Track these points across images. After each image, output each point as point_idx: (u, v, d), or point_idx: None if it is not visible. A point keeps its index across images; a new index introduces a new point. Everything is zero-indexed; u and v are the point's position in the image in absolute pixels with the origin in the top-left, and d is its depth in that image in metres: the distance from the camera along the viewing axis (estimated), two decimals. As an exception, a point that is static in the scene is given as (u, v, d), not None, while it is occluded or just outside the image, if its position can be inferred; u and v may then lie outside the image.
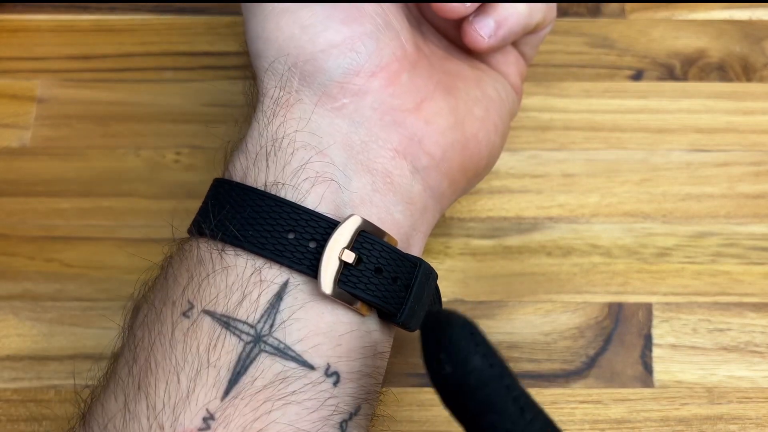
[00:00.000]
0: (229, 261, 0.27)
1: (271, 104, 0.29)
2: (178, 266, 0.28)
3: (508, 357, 0.35)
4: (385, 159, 0.29)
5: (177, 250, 0.29)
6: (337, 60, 0.28)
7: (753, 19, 0.42)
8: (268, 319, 0.26)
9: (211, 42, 0.41)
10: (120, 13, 0.42)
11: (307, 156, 0.28)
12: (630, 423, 0.34)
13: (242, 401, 0.25)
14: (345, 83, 0.28)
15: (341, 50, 0.28)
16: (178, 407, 0.25)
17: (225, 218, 0.27)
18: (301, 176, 0.27)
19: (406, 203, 0.29)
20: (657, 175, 0.38)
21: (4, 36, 0.41)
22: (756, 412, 0.34)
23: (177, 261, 0.28)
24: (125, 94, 0.40)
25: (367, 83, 0.28)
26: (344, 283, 0.26)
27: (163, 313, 0.27)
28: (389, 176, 0.29)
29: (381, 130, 0.29)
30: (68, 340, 0.35)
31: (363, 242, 0.27)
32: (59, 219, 0.37)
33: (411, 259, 0.28)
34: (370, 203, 0.28)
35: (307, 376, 0.26)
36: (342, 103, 0.28)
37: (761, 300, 0.36)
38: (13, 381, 0.35)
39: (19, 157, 0.39)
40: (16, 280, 0.36)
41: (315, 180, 0.27)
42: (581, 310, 0.36)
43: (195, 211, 0.37)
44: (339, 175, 0.28)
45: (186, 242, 0.29)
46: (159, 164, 0.38)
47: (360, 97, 0.29)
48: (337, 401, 0.26)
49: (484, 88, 0.32)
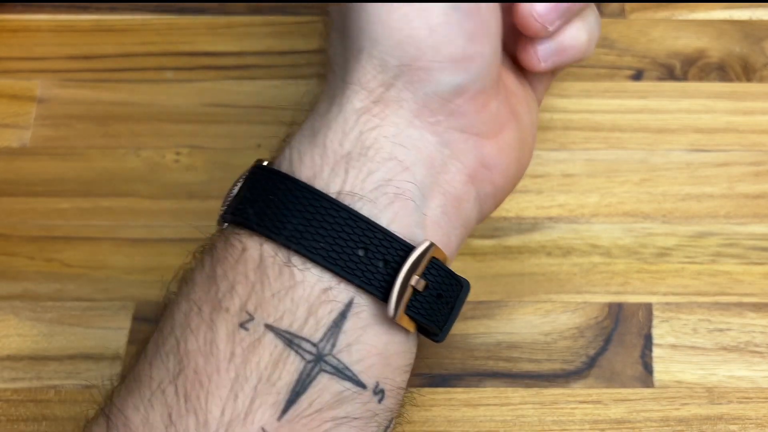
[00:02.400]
0: (297, 275, 0.25)
1: (367, 101, 0.27)
2: (230, 267, 0.26)
3: (508, 357, 0.35)
4: (459, 183, 0.28)
5: (224, 244, 0.27)
6: (451, 75, 0.27)
7: (753, 19, 0.42)
8: (330, 338, 0.25)
9: (211, 42, 0.41)
10: (120, 13, 0.42)
11: (392, 171, 0.26)
12: (630, 423, 0.34)
13: (299, 422, 0.25)
14: (448, 100, 0.27)
15: (458, 66, 0.27)
16: (232, 426, 0.24)
17: (293, 225, 0.25)
18: (381, 191, 0.26)
19: (463, 227, 0.29)
20: (657, 175, 0.38)
21: (4, 36, 0.41)
22: (756, 412, 0.34)
23: (226, 259, 0.26)
24: (125, 94, 0.40)
25: (465, 105, 0.27)
26: (409, 308, 0.26)
27: (213, 320, 0.25)
28: (459, 201, 0.28)
29: (462, 154, 0.28)
30: (68, 340, 0.35)
31: (431, 268, 0.26)
32: (59, 219, 0.37)
33: (461, 281, 0.28)
34: (437, 226, 0.27)
35: (361, 395, 0.26)
36: (437, 119, 0.27)
37: (761, 300, 0.36)
38: (13, 381, 0.35)
39: (19, 157, 0.39)
40: (16, 280, 0.36)
41: (394, 197, 0.26)
42: (581, 310, 0.36)
43: (195, 211, 0.38)
44: (417, 194, 0.27)
45: (236, 238, 0.26)
46: (159, 164, 0.38)
47: (455, 117, 0.27)
48: (379, 417, 0.26)
49: (532, 112, 0.32)
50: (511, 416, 0.34)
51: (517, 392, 0.34)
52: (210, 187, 0.38)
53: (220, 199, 0.38)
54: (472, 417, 0.34)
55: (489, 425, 0.34)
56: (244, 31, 0.41)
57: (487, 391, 0.34)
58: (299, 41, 0.41)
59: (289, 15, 0.42)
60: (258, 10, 0.42)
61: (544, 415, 0.34)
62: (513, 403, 0.34)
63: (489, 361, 0.35)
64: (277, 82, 0.40)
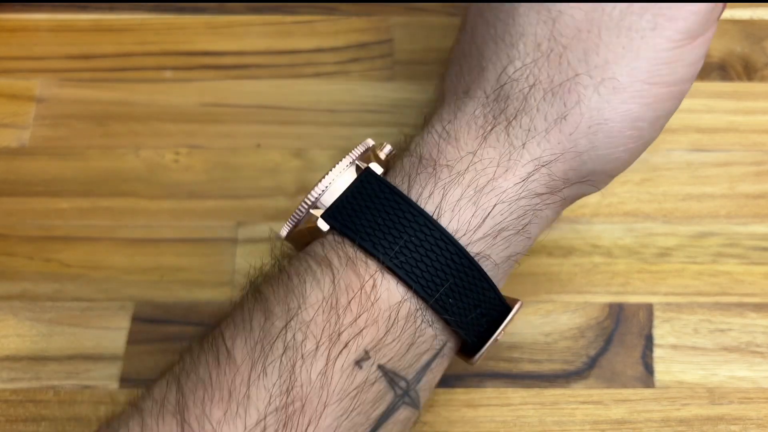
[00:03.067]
0: (425, 330, 0.26)
1: (543, 189, 0.27)
2: (356, 302, 0.25)
3: (508, 357, 0.35)
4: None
5: (346, 268, 0.25)
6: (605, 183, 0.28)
7: (754, 19, 0.42)
8: (419, 376, 0.26)
9: (210, 41, 0.41)
10: (119, 12, 0.42)
11: (524, 246, 0.27)
12: (631, 423, 0.34)
13: None
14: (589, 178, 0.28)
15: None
16: None
17: (439, 281, 0.25)
18: (510, 262, 0.27)
19: None
20: (658, 174, 0.38)
21: (4, 36, 0.41)
22: (757, 412, 0.34)
23: (351, 289, 0.25)
24: (124, 94, 0.40)
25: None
26: None
27: (330, 352, 0.24)
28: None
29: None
30: (67, 341, 0.35)
31: None
32: (58, 219, 0.37)
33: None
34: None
35: (414, 415, 0.27)
36: (564, 200, 0.28)
37: (762, 300, 0.36)
38: (12, 381, 0.34)
39: (18, 157, 0.39)
40: (14, 280, 0.36)
41: (512, 266, 0.28)
42: (582, 311, 0.36)
43: (195, 211, 0.37)
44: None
45: (365, 268, 0.25)
46: (158, 164, 0.38)
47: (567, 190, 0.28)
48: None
49: None
50: (511, 417, 0.34)
51: (518, 393, 0.34)
52: (209, 187, 0.38)
53: (220, 198, 0.38)
54: (473, 417, 0.34)
55: (489, 426, 0.34)
56: (244, 31, 0.41)
57: (488, 392, 0.34)
58: (299, 41, 0.41)
59: (288, 15, 0.42)
60: (258, 10, 0.42)
61: (545, 415, 0.34)
62: (513, 403, 0.34)
63: (489, 361, 0.35)
64: (277, 82, 0.40)
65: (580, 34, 0.26)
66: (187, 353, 0.26)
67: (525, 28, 0.27)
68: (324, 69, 0.40)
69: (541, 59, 0.26)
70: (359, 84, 0.40)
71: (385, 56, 0.41)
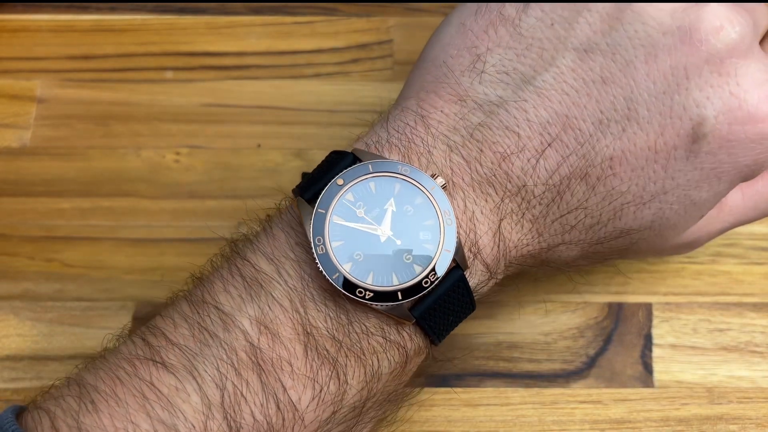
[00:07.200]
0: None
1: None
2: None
3: (508, 357, 0.35)
4: None
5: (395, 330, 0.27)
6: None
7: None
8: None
9: (211, 42, 0.41)
10: (120, 13, 0.42)
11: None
12: (630, 423, 0.34)
13: None
14: None
15: None
16: None
17: (445, 326, 0.28)
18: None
19: None
20: (657, 175, 0.38)
21: (4, 36, 0.41)
22: (756, 412, 0.34)
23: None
24: (125, 94, 0.40)
25: None
26: None
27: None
28: None
29: None
30: (68, 340, 0.35)
31: None
32: (59, 219, 0.37)
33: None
34: None
35: None
36: None
37: (761, 300, 0.36)
38: (13, 381, 0.35)
39: (20, 157, 0.39)
40: (16, 280, 0.36)
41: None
42: (581, 310, 0.36)
43: (195, 211, 0.38)
44: None
45: (404, 329, 0.28)
46: (159, 164, 0.38)
47: None
48: None
49: None
50: (511, 416, 0.34)
51: (517, 392, 0.34)
52: (210, 187, 0.38)
53: (221, 199, 0.38)
54: (472, 417, 0.34)
55: (489, 425, 0.34)
56: (245, 32, 0.41)
57: (488, 391, 0.34)
58: (300, 42, 0.41)
59: (289, 15, 0.42)
60: (258, 10, 0.42)
61: (544, 415, 0.34)
62: (513, 403, 0.34)
63: (489, 361, 0.35)
64: (278, 83, 0.40)
65: None
66: None
67: None
68: (324, 69, 0.40)
69: None
70: (359, 84, 0.40)
71: (385, 57, 0.41)
